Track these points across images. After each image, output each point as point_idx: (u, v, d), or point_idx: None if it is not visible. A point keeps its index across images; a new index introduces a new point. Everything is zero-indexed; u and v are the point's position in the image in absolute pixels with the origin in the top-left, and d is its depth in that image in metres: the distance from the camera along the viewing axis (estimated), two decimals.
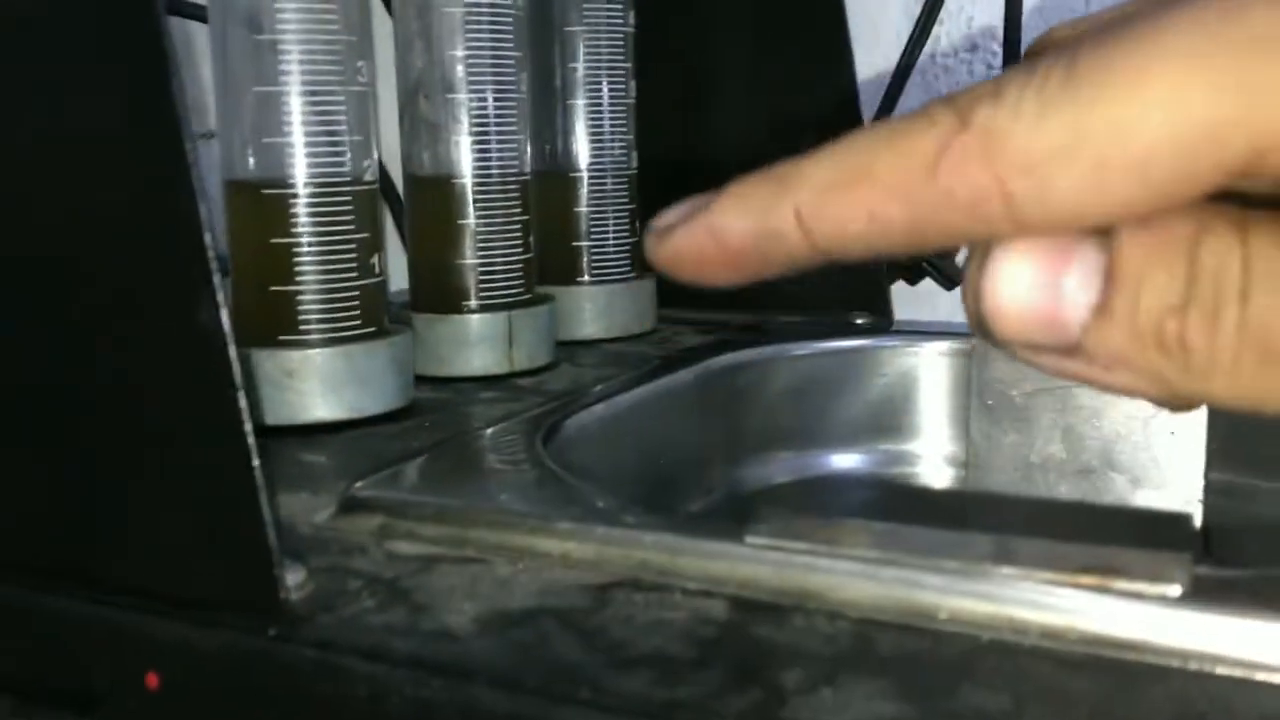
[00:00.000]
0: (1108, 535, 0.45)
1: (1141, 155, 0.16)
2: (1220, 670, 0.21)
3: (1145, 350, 0.17)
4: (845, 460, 0.49)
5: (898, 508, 0.49)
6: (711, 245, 0.19)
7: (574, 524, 0.27)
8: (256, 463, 0.23)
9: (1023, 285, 0.17)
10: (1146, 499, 0.45)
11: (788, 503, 0.47)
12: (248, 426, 0.23)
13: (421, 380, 0.46)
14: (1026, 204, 0.16)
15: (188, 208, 0.23)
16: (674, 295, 0.58)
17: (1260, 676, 0.21)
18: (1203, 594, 0.22)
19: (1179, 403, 0.17)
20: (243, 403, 0.23)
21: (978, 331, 0.18)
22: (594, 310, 0.54)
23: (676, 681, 0.21)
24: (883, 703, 0.21)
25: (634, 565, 0.26)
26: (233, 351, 0.23)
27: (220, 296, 0.23)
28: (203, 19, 0.40)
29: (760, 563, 0.25)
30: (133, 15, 0.22)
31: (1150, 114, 0.15)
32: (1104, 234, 0.17)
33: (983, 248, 0.17)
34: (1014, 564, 0.23)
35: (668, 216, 0.20)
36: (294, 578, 0.25)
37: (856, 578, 0.24)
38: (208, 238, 0.23)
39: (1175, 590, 0.22)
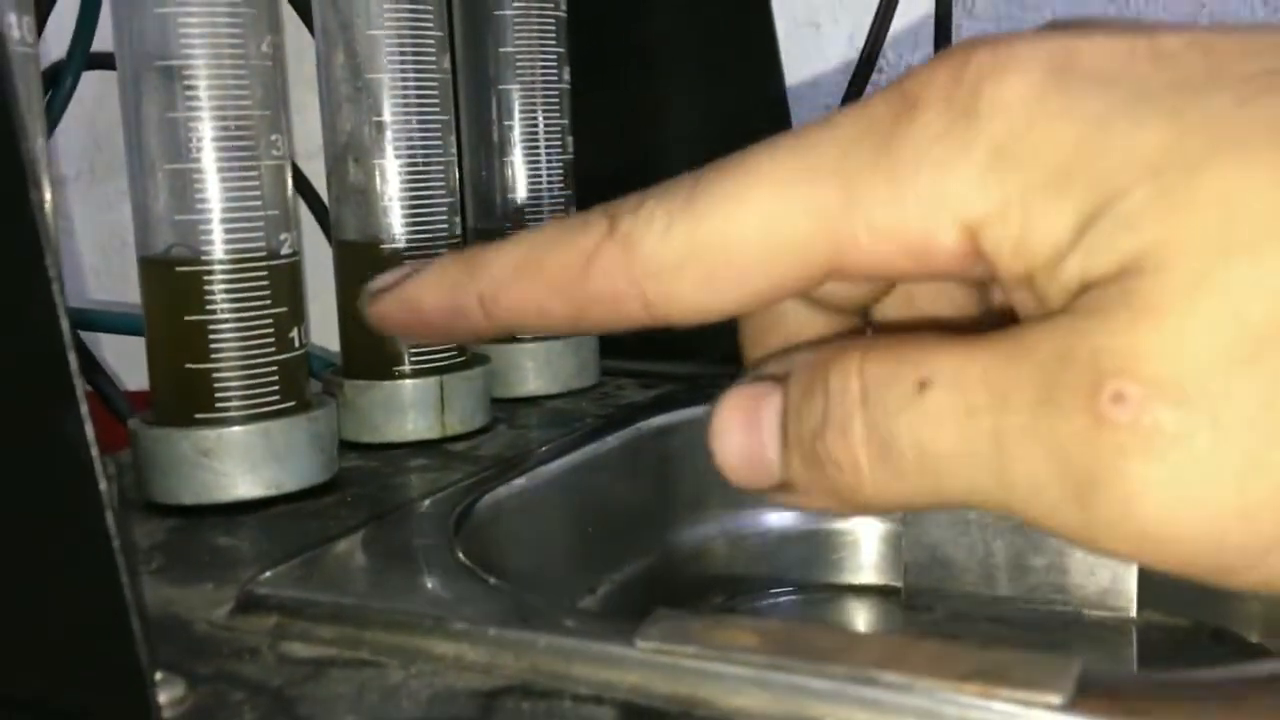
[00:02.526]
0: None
1: (741, 266, 0.19)
2: None
3: (811, 470, 0.19)
4: (780, 518, 0.48)
5: (832, 566, 0.48)
6: (408, 313, 0.22)
7: (468, 625, 0.27)
8: (127, 582, 0.23)
9: (734, 433, 0.20)
10: (1083, 554, 0.45)
11: (721, 563, 0.47)
12: (116, 544, 0.23)
13: (353, 447, 0.46)
14: (658, 303, 0.20)
15: (47, 322, 0.22)
16: (617, 347, 0.57)
17: None
18: (1087, 701, 0.22)
19: (861, 510, 0.20)
20: (111, 520, 0.23)
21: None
22: (535, 367, 0.54)
23: None
24: None
25: (526, 669, 0.26)
26: (99, 466, 0.23)
27: (85, 409, 0.23)
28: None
29: (651, 668, 0.25)
30: None
31: (747, 231, 0.19)
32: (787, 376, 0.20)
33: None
34: (901, 670, 0.23)
35: (381, 280, 0.23)
36: (171, 693, 0.24)
37: (746, 684, 0.24)
38: (70, 355, 0.22)
39: (1057, 699, 0.22)
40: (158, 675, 0.24)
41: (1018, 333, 0.18)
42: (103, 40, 0.57)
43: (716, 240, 0.19)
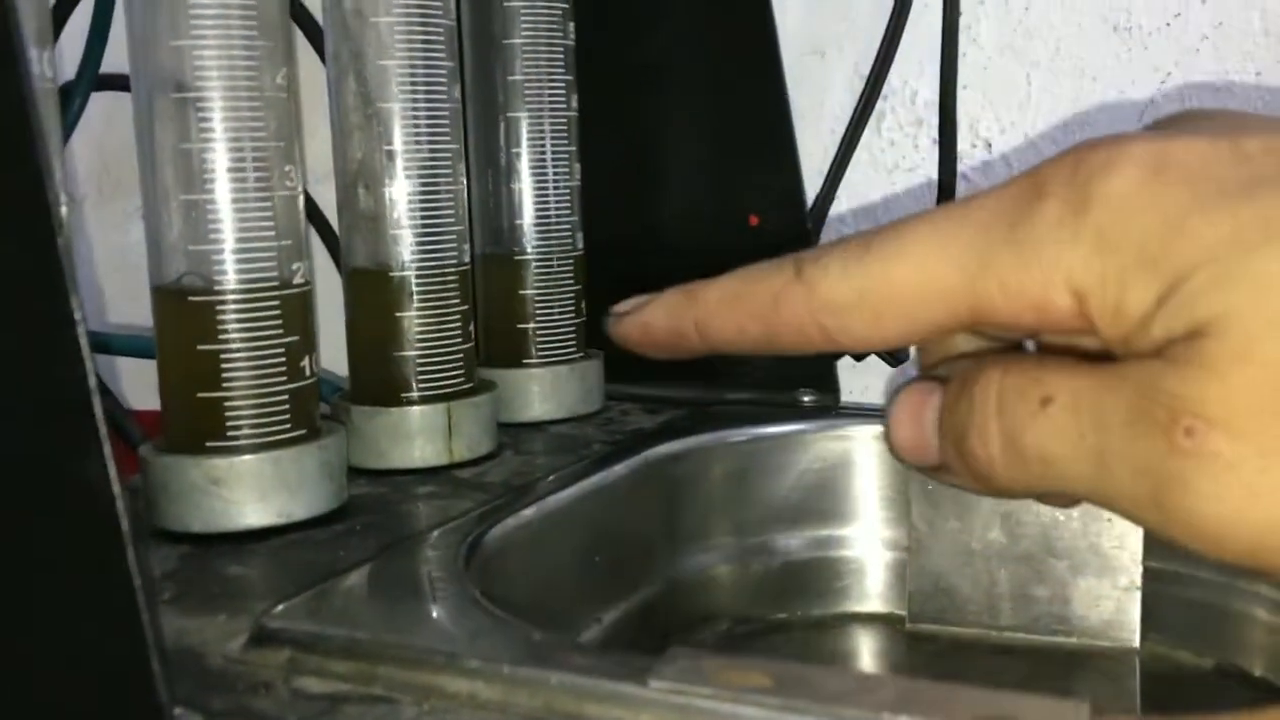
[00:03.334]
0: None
1: (900, 308, 0.24)
2: None
3: (959, 459, 0.25)
4: (785, 545, 0.49)
5: (836, 594, 0.49)
6: (642, 333, 0.29)
7: (481, 662, 0.27)
8: (147, 620, 0.23)
9: (905, 424, 0.26)
10: (1087, 585, 0.45)
11: (727, 591, 0.47)
12: (138, 584, 0.23)
13: (360, 473, 0.46)
14: (834, 333, 0.25)
15: (73, 366, 0.22)
16: (623, 372, 0.58)
17: None
18: None
19: (994, 493, 0.25)
20: (133, 562, 0.23)
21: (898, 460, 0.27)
22: (541, 392, 0.54)
23: None
24: None
25: (540, 708, 0.26)
26: (122, 509, 0.23)
27: (108, 451, 0.23)
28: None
29: (664, 708, 0.25)
30: (19, 182, 0.22)
31: (907, 281, 0.24)
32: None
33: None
34: (913, 713, 0.23)
35: (622, 306, 0.30)
36: None
37: None
38: (95, 399, 0.22)
39: None
40: (176, 711, 0.24)
41: (1119, 368, 0.22)
42: (111, 61, 0.58)
43: (882, 287, 0.24)
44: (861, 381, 0.62)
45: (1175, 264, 0.21)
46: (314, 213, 0.64)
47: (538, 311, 0.55)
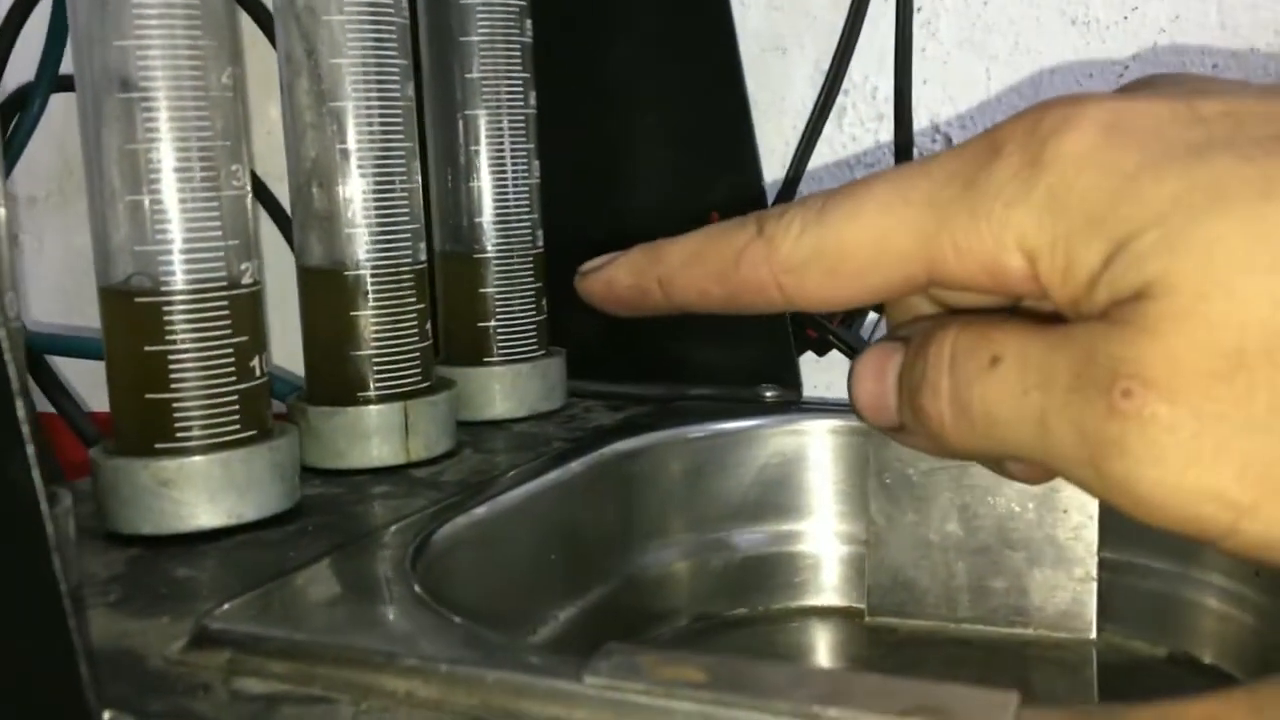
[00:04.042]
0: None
1: (855, 269, 0.24)
2: None
3: (914, 418, 0.24)
4: (744, 540, 0.49)
5: (795, 588, 0.49)
6: (606, 289, 0.28)
7: (419, 661, 0.27)
8: (74, 625, 0.23)
9: (867, 381, 0.26)
10: (1043, 577, 0.45)
11: (685, 586, 0.47)
12: (64, 587, 0.23)
13: (317, 473, 0.46)
14: (791, 291, 0.25)
15: None
16: (586, 369, 0.58)
17: None
18: None
19: (948, 455, 0.25)
20: (58, 564, 0.23)
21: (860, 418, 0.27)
22: (502, 390, 0.54)
23: None
24: None
25: (476, 706, 0.26)
26: (45, 510, 0.23)
27: (31, 453, 0.23)
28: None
29: (599, 704, 0.25)
30: None
31: (861, 241, 0.24)
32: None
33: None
34: (843, 705, 0.23)
35: (590, 264, 0.29)
36: None
37: (692, 719, 0.24)
38: (19, 400, 0.22)
39: None
40: (106, 715, 0.24)
41: (1066, 329, 0.22)
42: (70, 62, 0.58)
43: (834, 247, 0.24)
44: (825, 377, 0.62)
45: (1122, 225, 0.21)
46: (274, 209, 0.64)
47: (498, 309, 0.55)
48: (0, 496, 0.23)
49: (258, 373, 0.40)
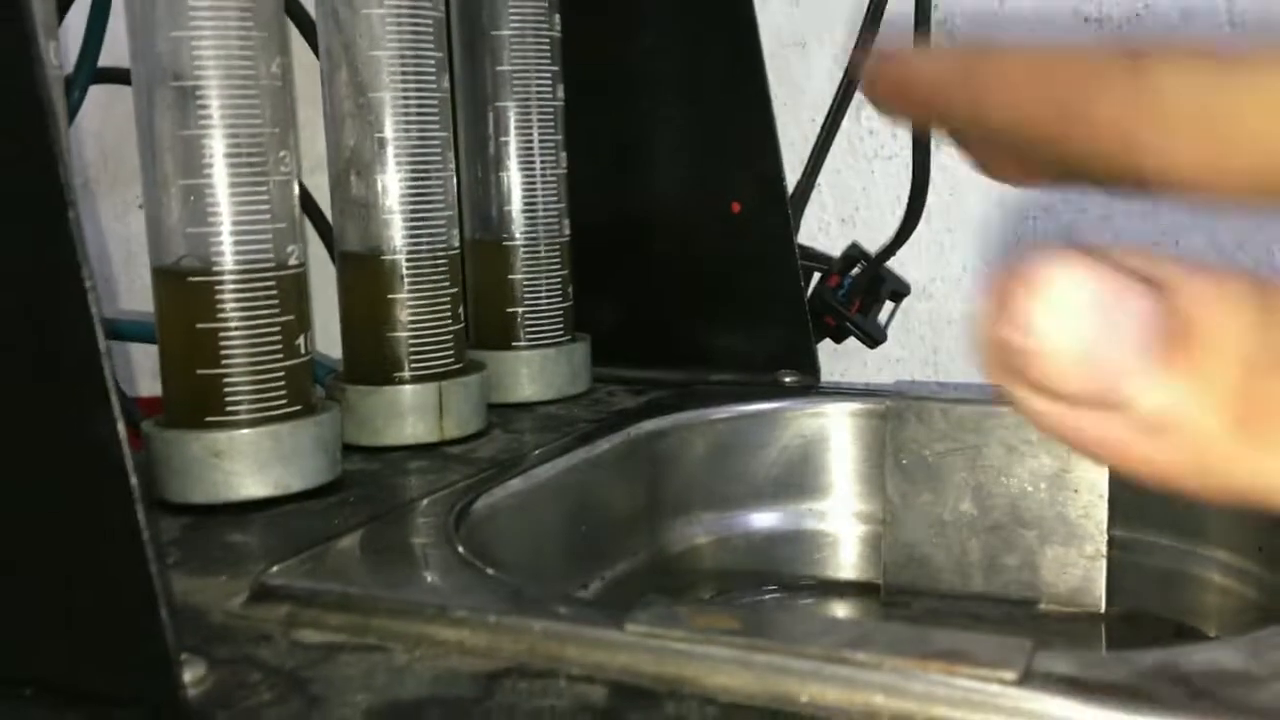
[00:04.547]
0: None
1: (1246, 152, 0.16)
2: None
3: (1210, 411, 0.15)
4: (765, 519, 0.50)
5: (814, 564, 0.50)
6: (898, 81, 0.21)
7: (469, 612, 0.29)
8: (156, 570, 0.25)
9: (1079, 315, 0.15)
10: (1054, 554, 0.47)
11: (708, 563, 0.49)
12: (146, 535, 0.25)
13: (354, 449, 0.47)
14: (1147, 149, 0.17)
15: (85, 330, 0.24)
16: (610, 354, 0.59)
17: None
18: (1038, 679, 0.24)
19: (1209, 485, 0.15)
20: (141, 514, 0.25)
21: (993, 372, 0.16)
22: (529, 374, 0.56)
23: None
24: None
25: (523, 651, 0.28)
26: (129, 464, 0.25)
27: (117, 410, 0.25)
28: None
29: (639, 650, 0.27)
30: (35, 160, 0.24)
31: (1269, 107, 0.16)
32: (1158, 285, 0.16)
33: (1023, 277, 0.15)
34: (869, 650, 0.25)
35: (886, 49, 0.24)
36: (193, 673, 0.26)
37: (727, 664, 0.26)
38: (105, 360, 0.24)
39: (1012, 675, 0.24)
40: (182, 657, 0.26)
41: None
42: (108, 55, 0.59)
43: (1231, 105, 0.17)
44: (841, 365, 0.64)
45: None
46: (308, 202, 0.65)
47: (526, 295, 0.56)
48: (88, 451, 0.25)
49: (303, 350, 0.42)
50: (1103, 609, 0.46)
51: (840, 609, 0.50)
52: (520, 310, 0.56)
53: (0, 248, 0.25)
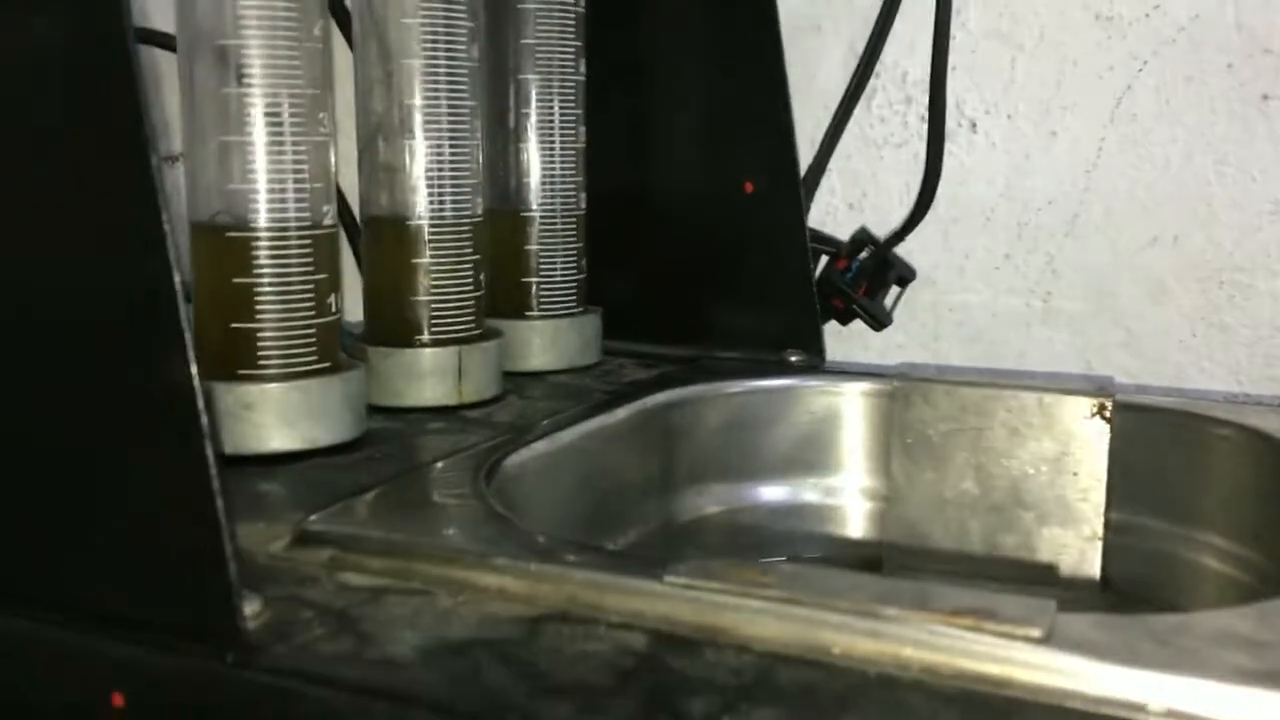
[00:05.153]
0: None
1: None
2: (1073, 705, 0.24)
3: None
4: (773, 492, 0.52)
5: (818, 538, 0.52)
6: None
7: (510, 560, 0.30)
8: (221, 506, 0.26)
9: None
10: (1052, 535, 0.48)
11: (717, 532, 0.50)
12: (214, 471, 0.26)
13: (375, 410, 0.48)
14: None
15: (164, 279, 0.25)
16: (620, 328, 0.60)
17: (1106, 710, 0.24)
18: (1062, 637, 0.25)
19: None
20: (210, 452, 0.26)
21: None
22: (542, 343, 0.57)
23: (595, 710, 0.24)
24: None
25: (564, 599, 0.29)
26: (200, 404, 0.25)
27: (191, 354, 0.26)
28: (172, 48, 0.42)
29: (677, 600, 0.28)
30: (116, 108, 0.25)
31: None
32: None
33: None
34: (899, 605, 0.26)
35: None
36: (251, 607, 0.27)
37: (762, 615, 0.27)
38: (181, 305, 0.25)
39: (1037, 632, 0.25)
40: (241, 592, 0.27)
41: None
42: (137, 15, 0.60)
43: None
44: (846, 347, 0.65)
45: None
46: None
47: (541, 266, 0.57)
48: (164, 392, 0.26)
49: (333, 309, 0.43)
50: (1098, 587, 0.47)
51: None
52: (535, 281, 0.57)
53: (86, 194, 0.26)
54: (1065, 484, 0.48)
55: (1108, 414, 0.47)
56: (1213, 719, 0.23)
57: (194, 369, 0.25)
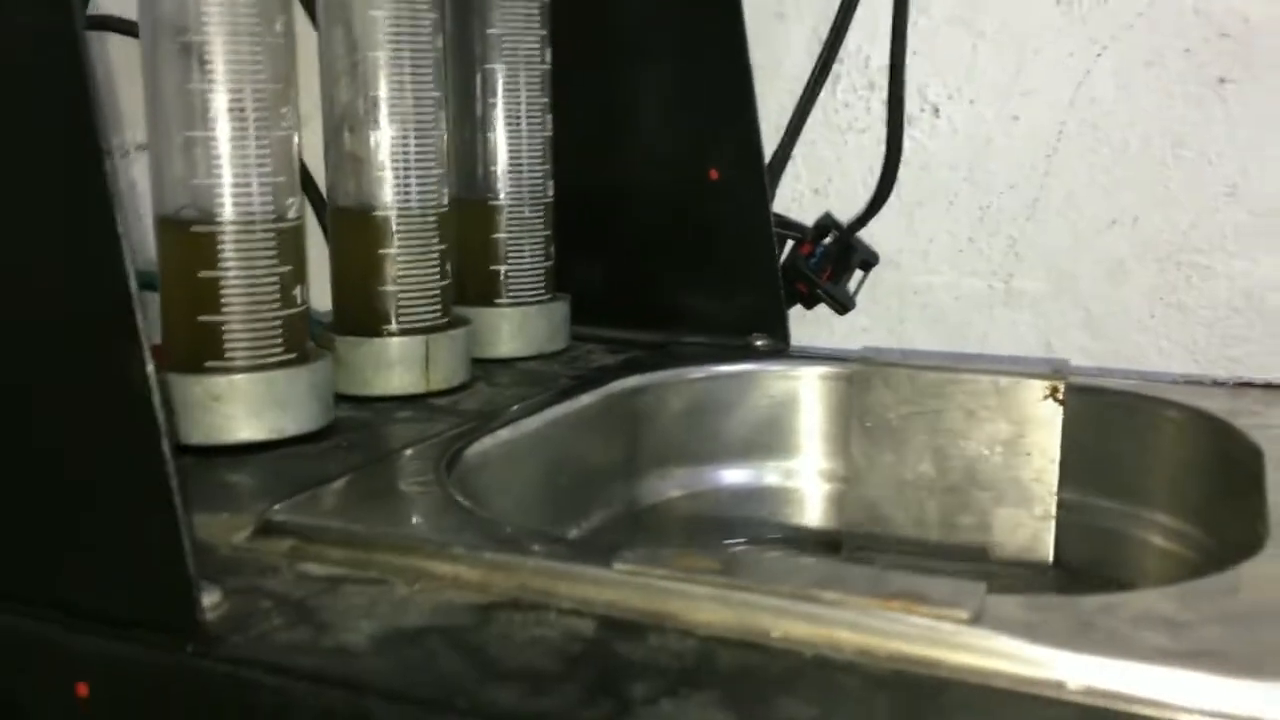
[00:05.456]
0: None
1: None
2: (999, 684, 0.25)
3: None
4: (735, 475, 0.53)
5: (779, 520, 0.53)
6: None
7: (465, 549, 0.31)
8: (179, 501, 0.26)
9: None
10: (1006, 514, 0.50)
11: (680, 516, 0.51)
12: (171, 469, 0.26)
13: (344, 399, 0.49)
14: None
15: (118, 275, 0.26)
16: (588, 314, 0.61)
17: (1031, 690, 0.25)
18: (990, 618, 0.26)
19: None
20: (168, 449, 0.26)
21: None
22: (510, 330, 0.58)
23: (541, 694, 0.25)
24: (712, 712, 0.24)
25: (516, 587, 0.30)
26: (158, 402, 0.26)
27: (147, 353, 0.26)
28: (133, 34, 0.43)
29: (625, 587, 0.29)
30: (70, 106, 0.25)
31: None
32: None
33: None
34: (836, 589, 0.27)
35: None
36: (210, 599, 0.28)
37: (706, 601, 0.28)
38: (136, 305, 0.26)
39: (966, 614, 0.26)
40: (200, 584, 0.28)
41: None
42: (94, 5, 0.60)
43: None
44: (810, 330, 0.66)
45: None
46: None
47: (509, 254, 0.58)
48: (122, 391, 0.26)
49: (299, 301, 0.44)
50: (1049, 565, 0.49)
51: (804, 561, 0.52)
52: (503, 268, 0.58)
53: (41, 197, 0.27)
54: (1019, 465, 0.49)
55: (1060, 396, 0.48)
56: (1129, 695, 0.24)
57: (150, 368, 0.26)
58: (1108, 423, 0.48)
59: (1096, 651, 0.25)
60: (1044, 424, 0.49)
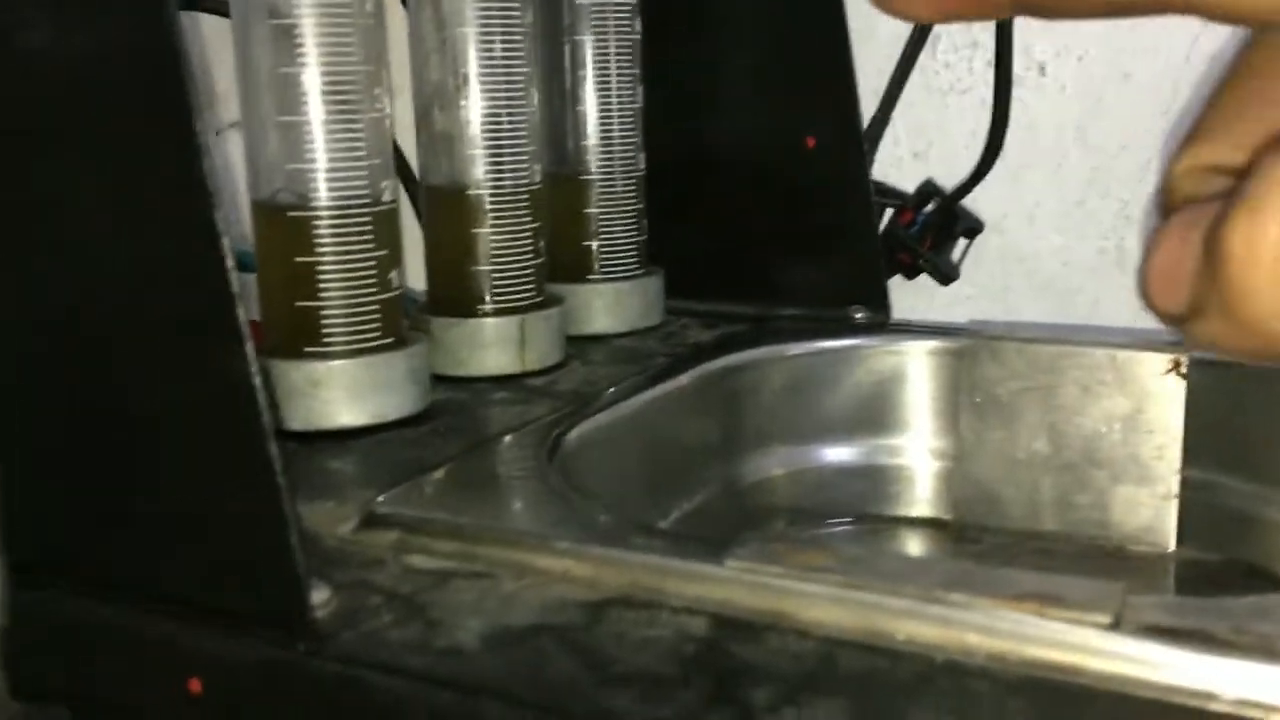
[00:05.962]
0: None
1: None
2: (1143, 694, 0.24)
3: (1212, 267, 0.15)
4: (838, 453, 0.51)
5: (886, 499, 0.51)
6: None
7: (573, 544, 0.30)
8: (287, 501, 0.26)
9: (1167, 244, 0.16)
10: (1125, 494, 0.48)
11: (782, 495, 0.50)
12: (278, 466, 0.26)
13: (439, 379, 0.49)
14: None
15: (220, 277, 0.25)
16: (682, 287, 0.60)
17: (1176, 699, 0.24)
18: (1131, 623, 0.25)
19: (1246, 336, 0.15)
20: (273, 445, 0.26)
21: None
22: (603, 306, 0.57)
23: (659, 699, 0.24)
24: None
25: (626, 584, 0.29)
26: (262, 400, 0.26)
27: (250, 348, 0.26)
28: (224, 13, 0.42)
29: (738, 585, 0.28)
30: (172, 119, 0.25)
31: None
32: None
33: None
34: (965, 591, 0.26)
35: None
36: (319, 596, 0.28)
37: (824, 601, 0.27)
38: (239, 304, 0.25)
39: (1106, 619, 0.25)
40: (309, 580, 0.27)
41: None
42: None
43: None
44: (911, 301, 0.64)
45: None
46: None
47: (601, 229, 0.57)
48: (226, 388, 0.26)
49: (395, 284, 0.43)
50: (1172, 548, 0.47)
51: (910, 543, 0.51)
52: (595, 244, 0.57)
53: (141, 192, 0.26)
54: (1139, 442, 0.47)
55: (1183, 370, 0.46)
56: None
57: (254, 366, 0.26)
58: (1234, 397, 0.46)
59: (1250, 658, 0.24)
60: (1166, 399, 0.46)
